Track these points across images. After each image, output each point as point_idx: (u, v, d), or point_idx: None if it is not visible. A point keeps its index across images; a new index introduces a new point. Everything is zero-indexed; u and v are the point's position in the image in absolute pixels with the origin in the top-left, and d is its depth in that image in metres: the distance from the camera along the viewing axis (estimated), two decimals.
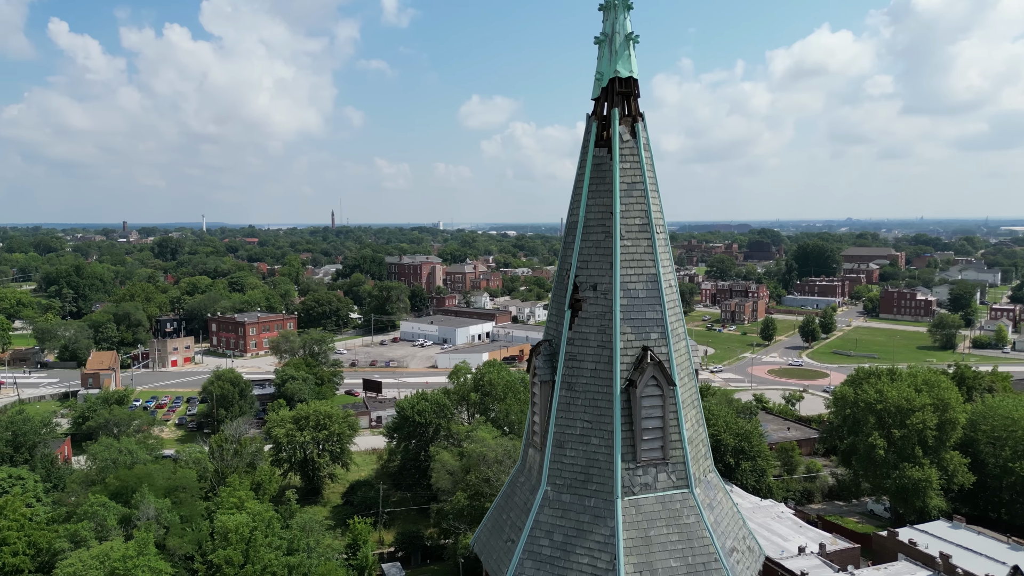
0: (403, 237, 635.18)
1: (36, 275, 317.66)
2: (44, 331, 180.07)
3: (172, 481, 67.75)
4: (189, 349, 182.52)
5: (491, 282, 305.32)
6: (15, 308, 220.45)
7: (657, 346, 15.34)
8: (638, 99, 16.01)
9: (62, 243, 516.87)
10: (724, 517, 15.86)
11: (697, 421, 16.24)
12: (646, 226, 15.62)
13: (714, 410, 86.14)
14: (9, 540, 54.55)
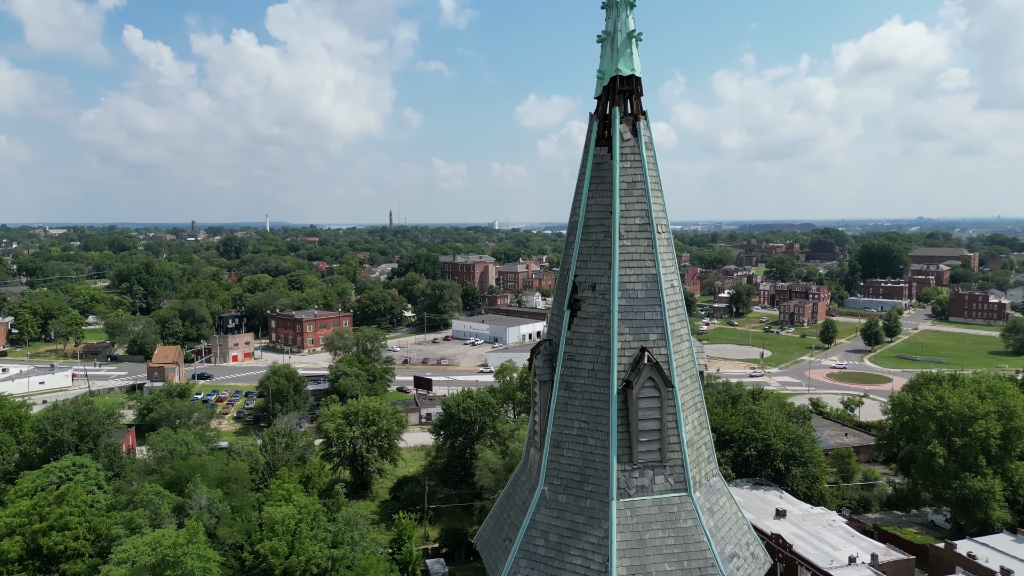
0: (458, 237, 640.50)
1: (110, 272, 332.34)
2: (115, 326, 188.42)
3: (225, 472, 69.98)
4: (249, 345, 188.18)
5: (543, 281, 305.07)
6: (89, 304, 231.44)
7: (656, 347, 15.15)
8: (641, 97, 15.85)
9: (135, 242, 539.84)
10: (725, 522, 15.55)
11: (700, 424, 15.97)
12: (646, 226, 15.44)
13: (764, 414, 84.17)
14: (70, 525, 57.32)
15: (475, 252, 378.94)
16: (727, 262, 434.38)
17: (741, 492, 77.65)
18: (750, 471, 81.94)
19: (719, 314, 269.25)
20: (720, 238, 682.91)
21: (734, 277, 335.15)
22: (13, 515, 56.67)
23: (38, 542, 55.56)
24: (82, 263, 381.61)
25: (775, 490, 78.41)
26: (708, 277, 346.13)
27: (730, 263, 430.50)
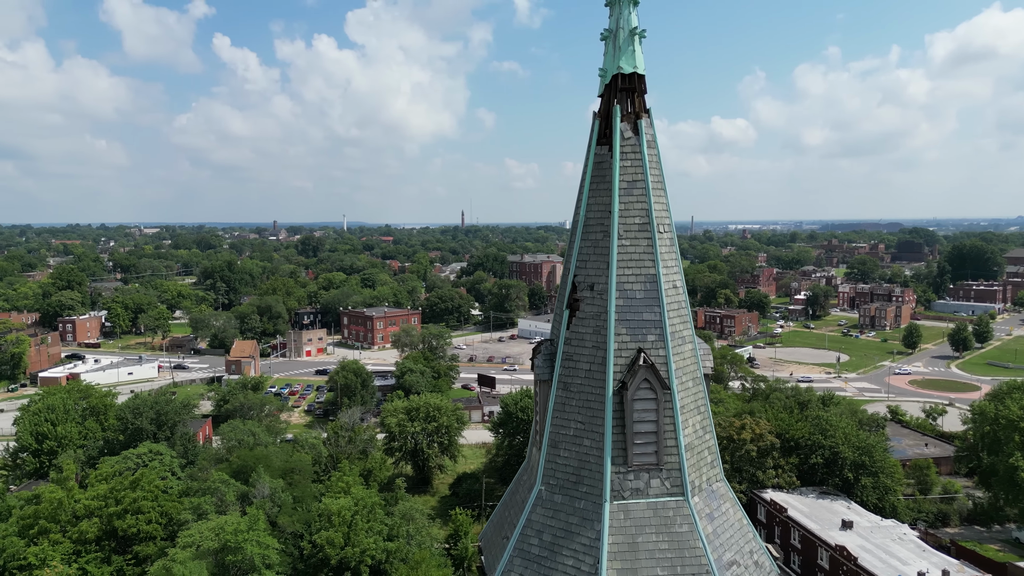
0: (528, 236, 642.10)
1: (196, 270, 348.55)
2: (198, 320, 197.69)
3: (289, 463, 72.54)
4: (322, 340, 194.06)
5: None
6: (176, 299, 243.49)
7: (654, 348, 14.92)
8: (643, 95, 15.63)
9: (220, 240, 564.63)
10: (727, 529, 15.17)
11: (702, 428, 15.62)
12: (646, 225, 15.22)
13: (833, 420, 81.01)
14: (144, 509, 60.57)
15: (545, 251, 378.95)
16: (805, 263, 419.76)
17: (806, 501, 75.05)
18: (816, 480, 79.09)
19: (795, 316, 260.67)
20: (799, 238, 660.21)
21: (812, 278, 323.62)
22: (92, 498, 60.28)
23: (113, 524, 58.94)
24: (172, 261, 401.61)
25: (842, 500, 75.40)
26: (784, 278, 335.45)
27: (808, 264, 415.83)
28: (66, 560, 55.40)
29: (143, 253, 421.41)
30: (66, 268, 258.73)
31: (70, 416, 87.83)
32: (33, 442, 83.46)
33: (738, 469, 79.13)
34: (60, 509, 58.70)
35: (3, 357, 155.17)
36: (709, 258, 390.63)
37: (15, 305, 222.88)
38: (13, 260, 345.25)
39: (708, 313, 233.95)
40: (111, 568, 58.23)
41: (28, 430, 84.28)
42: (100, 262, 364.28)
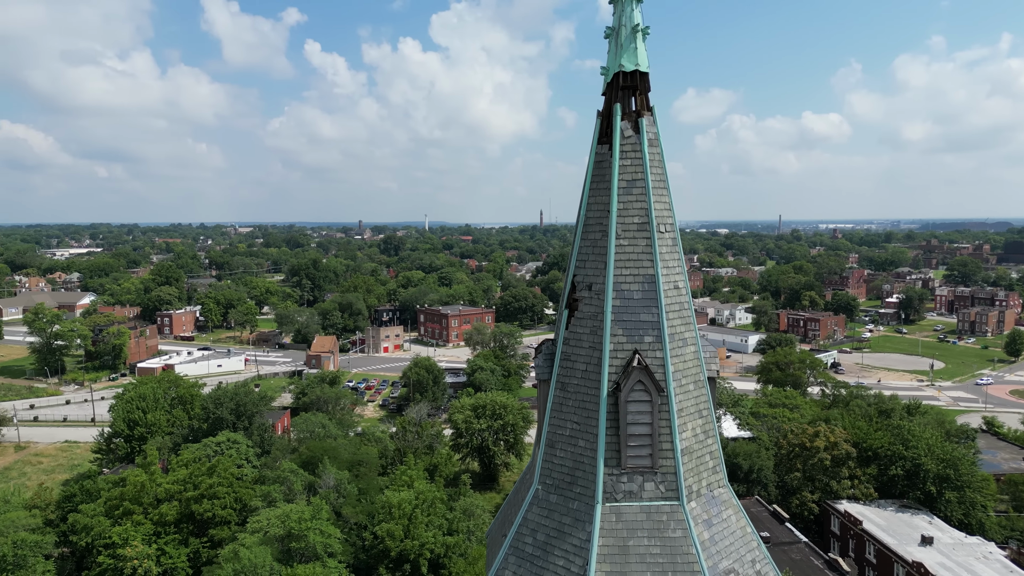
0: None
1: (284, 267, 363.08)
2: (283, 316, 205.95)
3: (356, 456, 74.74)
4: (399, 337, 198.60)
5: (690, 282, 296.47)
6: (264, 295, 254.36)
7: (651, 350, 14.70)
8: (646, 94, 15.40)
9: (308, 239, 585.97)
10: (726, 536, 14.77)
11: (703, 432, 15.26)
12: (645, 225, 15.00)
13: (915, 430, 76.85)
14: (219, 495, 63.66)
15: None
16: (901, 264, 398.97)
17: (883, 514, 71.54)
18: (895, 492, 75.27)
19: (885, 320, 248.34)
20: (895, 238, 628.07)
21: (906, 280, 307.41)
22: (172, 482, 63.80)
23: (191, 508, 62.21)
24: (262, 259, 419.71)
25: (923, 515, 71.44)
26: (876, 280, 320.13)
27: (904, 265, 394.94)
28: (146, 540, 58.87)
29: (236, 251, 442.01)
30: (165, 265, 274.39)
31: (159, 405, 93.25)
32: (125, 428, 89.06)
33: (810, 478, 76.25)
34: (143, 492, 62.42)
35: (105, 348, 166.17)
36: (795, 258, 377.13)
37: (119, 299, 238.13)
38: (119, 257, 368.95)
39: (791, 316, 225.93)
40: (188, 550, 61.51)
41: (121, 417, 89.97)
42: (197, 259, 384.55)
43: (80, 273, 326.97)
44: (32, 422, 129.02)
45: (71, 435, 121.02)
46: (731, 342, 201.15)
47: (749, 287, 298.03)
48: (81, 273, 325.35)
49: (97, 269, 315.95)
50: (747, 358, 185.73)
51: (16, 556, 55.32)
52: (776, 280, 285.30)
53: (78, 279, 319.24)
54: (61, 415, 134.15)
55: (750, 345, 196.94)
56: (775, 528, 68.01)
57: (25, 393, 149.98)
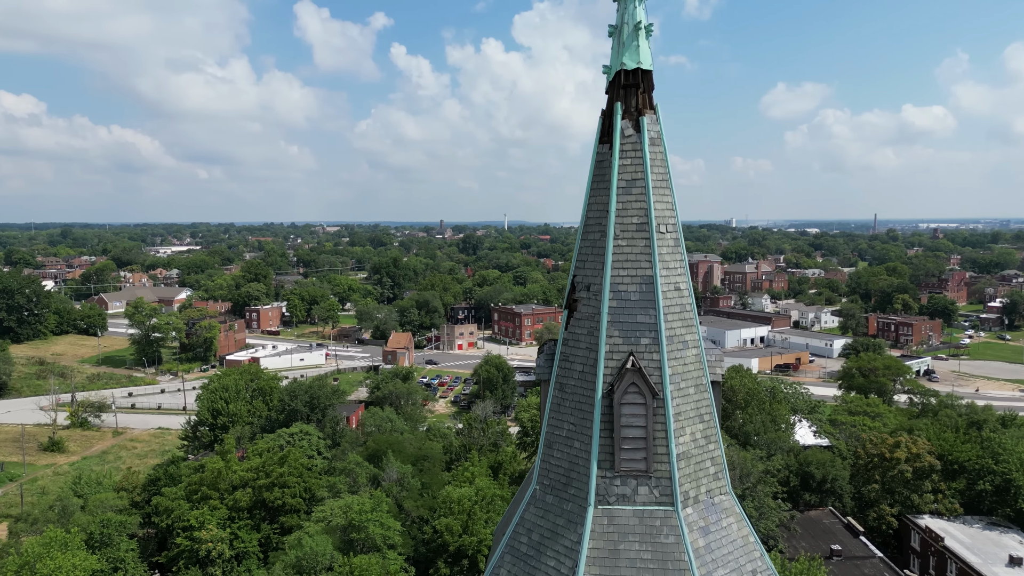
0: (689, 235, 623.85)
1: (367, 266, 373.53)
2: (363, 313, 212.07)
3: (421, 451, 76.22)
4: (473, 335, 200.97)
5: (774, 283, 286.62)
6: (346, 292, 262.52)
7: (648, 352, 14.46)
8: (649, 92, 15.16)
9: (391, 239, 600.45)
10: (724, 544, 14.37)
11: (704, 437, 14.88)
12: (644, 225, 14.76)
13: (1007, 443, 71.95)
14: (289, 484, 66.23)
15: (705, 251, 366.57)
16: (1007, 266, 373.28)
17: (968, 531, 67.36)
18: (983, 508, 70.75)
19: (988, 326, 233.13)
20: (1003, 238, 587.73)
21: (1012, 284, 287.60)
22: (246, 470, 66.82)
23: (263, 496, 65.02)
24: (347, 257, 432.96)
25: (1014, 533, 66.83)
26: (978, 283, 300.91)
27: (1011, 267, 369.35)
28: (221, 524, 61.89)
29: (323, 250, 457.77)
30: (255, 262, 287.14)
31: (240, 396, 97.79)
32: (209, 417, 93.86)
33: (890, 491, 72.60)
34: (219, 479, 65.63)
35: (197, 341, 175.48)
36: (889, 260, 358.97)
37: (212, 295, 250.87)
38: (214, 255, 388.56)
39: (881, 320, 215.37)
40: (259, 535, 64.32)
41: (206, 406, 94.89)
42: (286, 257, 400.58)
43: (179, 269, 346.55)
44: (129, 409, 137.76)
45: (164, 422, 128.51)
46: (815, 346, 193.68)
47: (837, 289, 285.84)
48: (180, 269, 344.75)
49: (194, 266, 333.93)
50: (831, 363, 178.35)
51: (103, 534, 59.20)
52: (866, 282, 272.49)
53: (177, 275, 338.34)
54: (156, 403, 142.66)
55: (835, 349, 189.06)
56: (848, 541, 65.14)
57: (124, 382, 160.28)
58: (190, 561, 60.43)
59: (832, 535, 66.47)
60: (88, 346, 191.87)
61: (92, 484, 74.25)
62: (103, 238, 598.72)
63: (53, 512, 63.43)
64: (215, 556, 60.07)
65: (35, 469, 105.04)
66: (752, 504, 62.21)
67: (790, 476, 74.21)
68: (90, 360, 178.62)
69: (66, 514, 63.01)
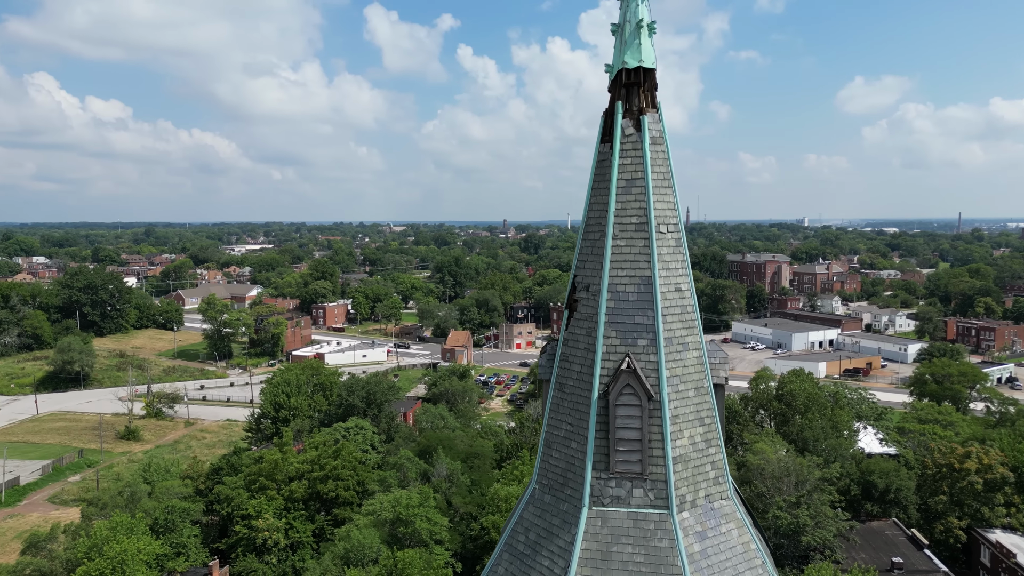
0: (759, 234, 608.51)
1: (431, 264, 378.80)
2: (424, 311, 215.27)
3: (472, 448, 76.90)
4: (531, 334, 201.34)
5: (846, 284, 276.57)
6: (409, 291, 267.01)
7: (644, 353, 14.30)
8: (652, 91, 14.97)
9: (455, 238, 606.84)
10: (722, 551, 14.08)
11: (704, 440, 14.61)
12: (644, 225, 14.59)
13: None
14: (342, 476, 67.96)
15: (774, 251, 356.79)
16: None
17: None
18: None
19: None
20: None
21: None
22: (302, 462, 68.90)
23: (317, 488, 66.91)
24: (411, 256, 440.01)
25: None
26: None
27: None
28: (277, 514, 64.01)
29: (388, 248, 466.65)
30: (322, 261, 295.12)
31: (302, 390, 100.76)
32: (272, 410, 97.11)
33: (958, 503, 69.23)
34: (276, 470, 67.87)
35: (266, 336, 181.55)
36: (973, 261, 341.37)
37: (281, 292, 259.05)
38: (285, 253, 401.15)
39: (961, 324, 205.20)
40: (313, 526, 66.23)
41: (269, 400, 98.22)
42: (353, 256, 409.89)
43: (251, 267, 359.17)
44: (200, 401, 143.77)
45: (232, 414, 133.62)
46: (888, 350, 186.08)
47: (914, 291, 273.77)
48: (252, 267, 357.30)
49: (265, 264, 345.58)
50: (905, 368, 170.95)
51: (167, 520, 62.05)
52: (946, 284, 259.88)
53: (249, 273, 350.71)
54: (225, 396, 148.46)
55: (910, 354, 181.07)
56: (911, 554, 62.45)
57: (197, 375, 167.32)
58: (247, 549, 62.72)
59: (894, 547, 63.84)
60: (165, 340, 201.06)
61: (160, 472, 77.88)
62: (183, 237, 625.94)
63: (122, 498, 66.82)
64: (271, 545, 62.17)
65: (112, 456, 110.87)
66: (807, 512, 60.35)
67: (851, 485, 71.67)
68: (166, 353, 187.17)
69: (134, 500, 66.29)
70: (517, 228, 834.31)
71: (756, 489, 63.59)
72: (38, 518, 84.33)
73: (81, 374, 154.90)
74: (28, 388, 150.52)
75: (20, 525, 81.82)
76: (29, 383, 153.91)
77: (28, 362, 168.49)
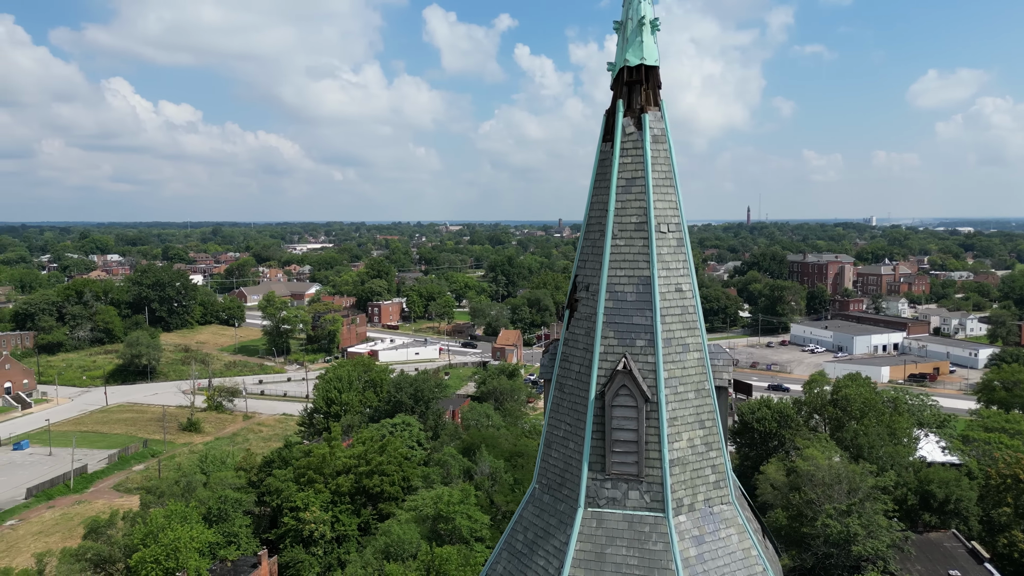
0: (823, 234, 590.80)
1: (485, 264, 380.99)
2: (476, 309, 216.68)
3: (516, 447, 77.06)
4: None
5: (914, 286, 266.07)
6: (462, 290, 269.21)
7: (642, 354, 14.14)
8: (654, 88, 14.79)
9: (510, 237, 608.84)
10: (720, 556, 13.82)
11: (704, 444, 14.36)
12: (643, 224, 14.43)
13: None
14: (388, 472, 69.03)
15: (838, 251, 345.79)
16: None
17: None
18: None
19: None
20: None
21: None
22: (348, 457, 70.28)
23: (363, 482, 68.14)
24: (466, 255, 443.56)
25: None
26: None
27: None
28: (324, 507, 65.46)
29: (444, 248, 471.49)
30: (378, 260, 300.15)
31: (353, 386, 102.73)
32: (324, 405, 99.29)
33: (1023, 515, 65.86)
34: (324, 464, 69.41)
35: (322, 333, 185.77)
36: None
37: (339, 290, 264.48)
38: (344, 252, 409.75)
39: None
40: (359, 520, 67.49)
41: (321, 395, 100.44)
42: (409, 255, 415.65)
43: (311, 266, 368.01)
44: (259, 395, 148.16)
45: (288, 408, 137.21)
46: (957, 355, 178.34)
47: (988, 294, 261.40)
48: (311, 266, 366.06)
49: (324, 263, 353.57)
50: (975, 374, 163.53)
51: (220, 510, 64.15)
52: (1022, 286, 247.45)
53: (308, 271, 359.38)
54: (282, 391, 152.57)
55: (980, 360, 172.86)
56: (971, 568, 59.81)
57: (256, 370, 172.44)
58: (295, 540, 64.33)
59: (952, 560, 61.25)
60: (227, 335, 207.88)
61: (216, 463, 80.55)
62: (247, 236, 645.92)
63: (178, 487, 69.41)
64: (318, 537, 63.62)
65: (174, 447, 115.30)
66: (859, 521, 58.41)
67: (907, 494, 69.02)
68: (228, 349, 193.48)
69: (190, 489, 68.78)
70: (572, 227, 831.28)
71: (806, 496, 61.89)
72: (103, 505, 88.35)
73: (148, 367, 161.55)
74: (99, 380, 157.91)
75: (86, 511, 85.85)
76: (100, 375, 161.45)
77: (99, 355, 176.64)
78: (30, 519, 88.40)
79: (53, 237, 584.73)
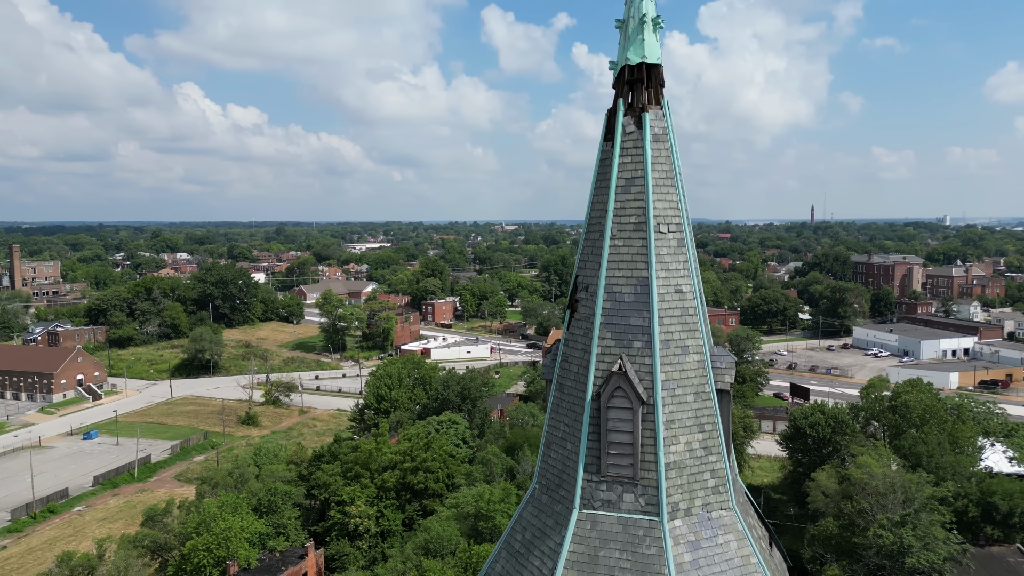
0: (891, 234, 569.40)
1: (538, 263, 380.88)
2: (528, 309, 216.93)
3: None
4: None
5: (988, 288, 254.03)
6: (515, 289, 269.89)
7: (639, 356, 13.97)
8: (655, 87, 14.59)
9: (564, 237, 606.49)
10: (716, 563, 13.53)
11: (703, 447, 14.08)
12: (642, 225, 14.25)
13: None
14: (432, 468, 69.87)
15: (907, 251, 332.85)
16: None
17: None
18: None
19: None
20: None
21: None
22: (394, 453, 71.38)
23: (407, 478, 69.12)
24: (520, 255, 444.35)
25: None
26: None
27: None
28: (369, 502, 66.70)
29: (498, 247, 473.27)
30: (433, 259, 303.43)
31: (403, 384, 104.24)
32: (374, 401, 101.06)
33: None
34: (370, 459, 70.68)
35: (377, 331, 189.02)
36: None
37: (394, 289, 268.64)
38: (400, 251, 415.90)
39: None
40: (403, 515, 68.50)
41: (372, 392, 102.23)
42: (464, 255, 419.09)
43: (368, 265, 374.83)
44: (314, 391, 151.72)
45: (342, 404, 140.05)
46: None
47: None
48: (369, 265, 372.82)
49: (381, 262, 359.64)
50: None
51: (270, 502, 66.06)
52: None
53: (366, 270, 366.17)
54: (337, 387, 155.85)
55: None
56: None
57: (313, 366, 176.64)
58: (341, 533, 65.76)
59: (1014, 574, 58.35)
60: (286, 332, 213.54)
61: (269, 456, 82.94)
62: (309, 235, 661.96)
63: (231, 478, 71.71)
64: (363, 531, 64.86)
65: (232, 439, 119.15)
66: (913, 533, 56.16)
67: (968, 505, 66.05)
68: (287, 345, 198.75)
69: (242, 481, 70.99)
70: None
71: (858, 505, 59.84)
72: (164, 494, 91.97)
73: (211, 362, 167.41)
74: (165, 374, 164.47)
75: (148, 499, 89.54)
76: (166, 369, 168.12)
77: (166, 350, 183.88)
78: (96, 506, 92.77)
79: (127, 236, 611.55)
